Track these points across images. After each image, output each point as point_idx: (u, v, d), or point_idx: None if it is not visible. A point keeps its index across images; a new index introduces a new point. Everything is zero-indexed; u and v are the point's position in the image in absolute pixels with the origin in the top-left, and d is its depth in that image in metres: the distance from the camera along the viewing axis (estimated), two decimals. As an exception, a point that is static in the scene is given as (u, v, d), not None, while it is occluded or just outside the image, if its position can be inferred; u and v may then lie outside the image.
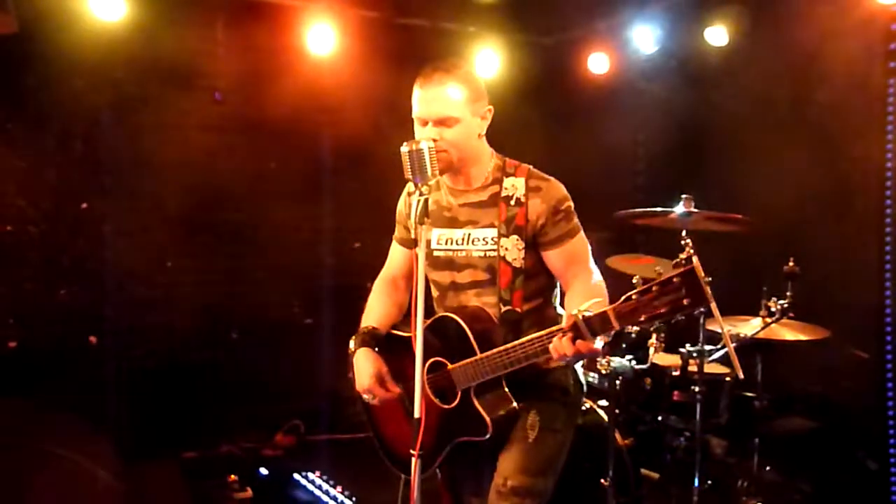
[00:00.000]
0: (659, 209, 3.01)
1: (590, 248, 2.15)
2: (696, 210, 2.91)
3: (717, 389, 3.15)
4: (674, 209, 2.95)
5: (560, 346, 1.82)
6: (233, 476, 3.85)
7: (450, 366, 2.10)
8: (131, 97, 4.29)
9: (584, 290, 2.00)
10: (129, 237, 4.34)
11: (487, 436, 2.05)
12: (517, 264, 2.08)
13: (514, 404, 2.08)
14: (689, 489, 3.05)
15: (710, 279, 2.23)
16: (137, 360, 4.31)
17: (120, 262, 4.28)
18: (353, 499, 3.73)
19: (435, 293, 2.26)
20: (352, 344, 2.27)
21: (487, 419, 2.04)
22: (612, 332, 1.76)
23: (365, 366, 2.20)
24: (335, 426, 4.70)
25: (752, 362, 3.20)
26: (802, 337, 3.08)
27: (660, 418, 3.31)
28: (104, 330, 4.20)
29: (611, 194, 4.16)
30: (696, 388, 2.96)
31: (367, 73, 4.91)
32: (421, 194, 1.97)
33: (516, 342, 1.96)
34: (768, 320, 2.98)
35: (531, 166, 2.17)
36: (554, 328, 1.88)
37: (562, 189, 2.13)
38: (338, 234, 5.16)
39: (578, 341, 1.79)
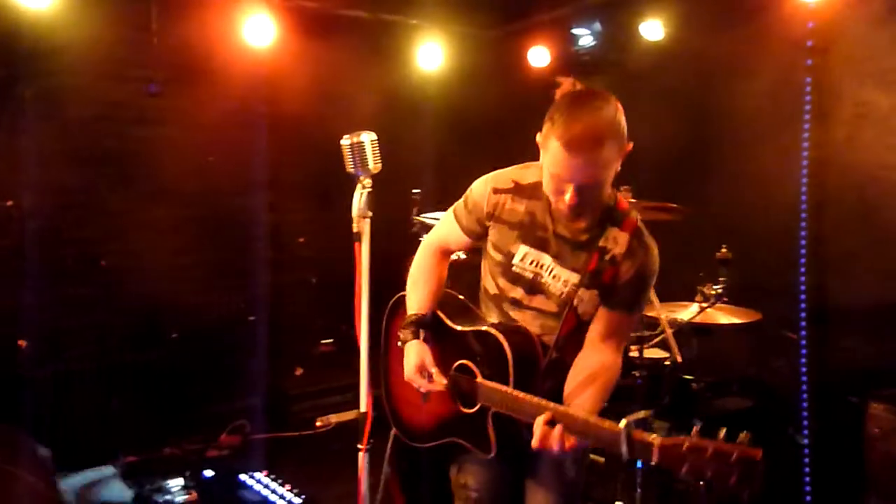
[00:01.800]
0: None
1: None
2: (633, 200, 2.98)
3: (657, 374, 3.24)
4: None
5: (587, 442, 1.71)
6: (177, 478, 3.76)
7: (479, 378, 2.01)
8: (60, 88, 4.11)
9: (596, 365, 1.90)
10: (58, 234, 4.18)
11: (490, 455, 1.99)
12: (585, 318, 1.93)
13: (525, 437, 1.85)
14: (633, 471, 3.14)
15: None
16: (72, 363, 4.15)
17: (50, 261, 4.12)
18: (303, 496, 3.70)
19: (491, 290, 2.11)
20: (401, 335, 2.16)
21: (494, 445, 1.97)
22: (646, 463, 1.66)
23: (412, 357, 2.11)
24: (281, 424, 4.65)
25: (690, 346, 3.32)
26: (736, 320, 3.21)
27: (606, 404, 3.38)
28: (34, 332, 4.02)
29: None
30: (637, 373, 3.05)
31: (307, 64, 4.85)
32: (363, 188, 1.98)
33: (550, 403, 1.77)
34: (704, 305, 3.09)
35: (640, 218, 1.96)
36: (596, 421, 1.69)
37: (656, 261, 1.93)
38: (281, 229, 5.09)
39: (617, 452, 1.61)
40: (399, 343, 2.17)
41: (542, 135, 1.84)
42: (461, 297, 2.28)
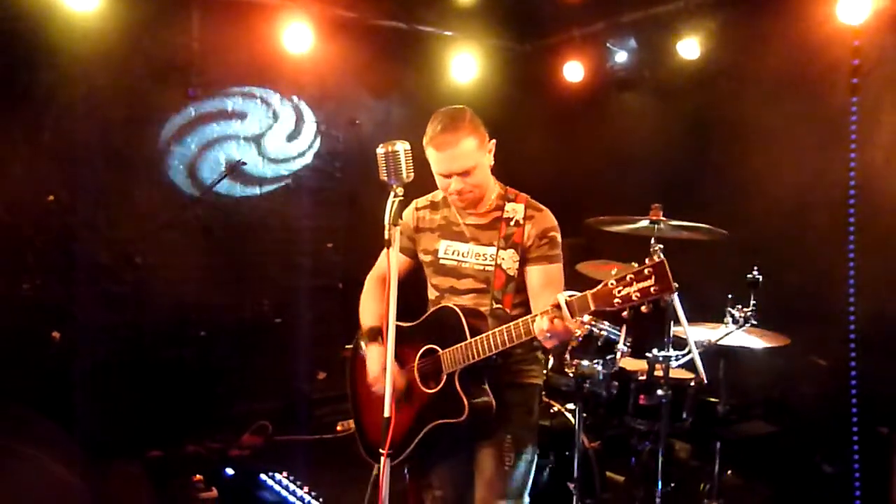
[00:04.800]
0: (628, 217, 3.06)
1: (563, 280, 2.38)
2: (665, 219, 2.97)
3: (681, 394, 3.21)
4: (644, 217, 3.00)
5: (542, 323, 2.03)
6: (198, 476, 3.81)
7: (440, 351, 2.31)
8: (104, 89, 4.23)
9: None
10: (97, 231, 4.28)
11: (463, 418, 2.22)
12: (511, 272, 2.35)
13: (491, 398, 2.27)
14: (653, 491, 3.11)
15: (677, 286, 2.30)
16: (103, 357, 4.24)
17: (87, 257, 4.22)
18: (320, 499, 3.72)
19: (433, 295, 2.51)
20: (362, 343, 2.50)
21: (465, 401, 2.23)
22: (590, 314, 2.00)
23: (375, 359, 2.41)
24: (303, 427, 4.68)
25: (716, 368, 3.27)
26: (764, 344, 3.17)
27: (626, 421, 3.36)
28: (70, 325, 4.12)
29: (582, 201, 4.21)
30: (661, 392, 3.02)
31: (344, 73, 4.92)
32: (395, 195, 2.00)
33: (503, 327, 2.16)
34: (732, 327, 3.05)
35: (528, 196, 2.44)
36: (538, 312, 2.07)
37: (552, 219, 2.40)
38: (311, 234, 5.15)
39: (557, 320, 2.01)
40: (361, 352, 2.49)
41: (425, 152, 2.31)
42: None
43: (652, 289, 1.85)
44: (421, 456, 2.42)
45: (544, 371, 3.15)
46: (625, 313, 1.91)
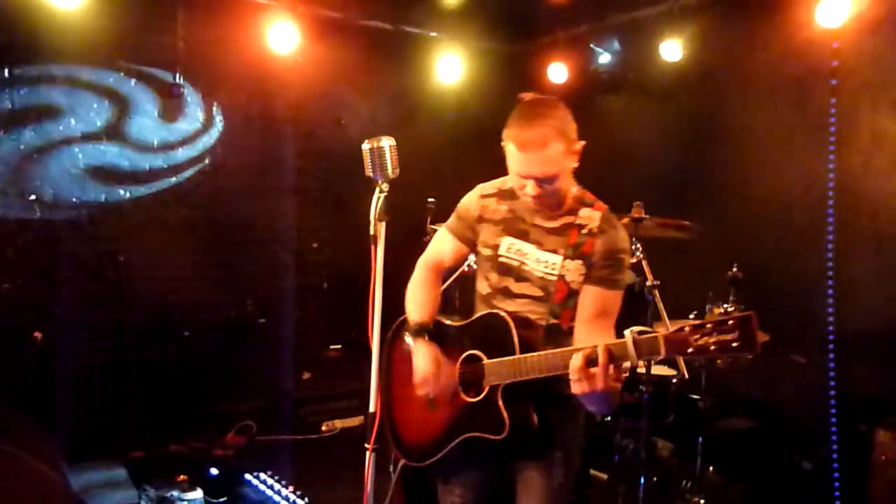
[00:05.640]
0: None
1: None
2: (646, 216, 3.01)
3: (663, 391, 3.25)
4: (625, 215, 3.04)
5: (577, 361, 1.81)
6: (182, 476, 3.78)
7: (485, 360, 2.12)
8: (88, 87, 4.20)
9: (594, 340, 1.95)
10: (78, 229, 4.25)
11: (502, 436, 2.05)
12: (574, 286, 2.09)
13: (534, 420, 2.06)
14: (636, 488, 3.14)
15: (658, 283, 2.32)
16: (85, 356, 4.20)
17: (69, 255, 4.19)
18: (305, 499, 3.71)
19: (484, 290, 2.27)
20: (406, 335, 2.29)
21: (507, 420, 2.04)
22: (657, 360, 1.79)
23: (421, 357, 2.20)
24: (287, 427, 4.67)
25: (697, 365, 3.32)
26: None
27: (609, 419, 3.39)
28: (51, 325, 4.08)
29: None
30: (643, 388, 3.06)
31: (328, 73, 4.92)
32: (381, 191, 2.02)
33: (558, 350, 1.95)
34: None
35: (607, 207, 2.20)
36: (601, 344, 1.82)
37: (626, 240, 2.15)
38: (296, 233, 5.14)
39: (611, 366, 1.79)
40: (404, 347, 2.28)
41: (503, 141, 2.07)
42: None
43: (733, 343, 1.64)
44: (448, 461, 2.25)
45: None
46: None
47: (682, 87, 4.46)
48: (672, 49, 4.42)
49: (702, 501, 3.30)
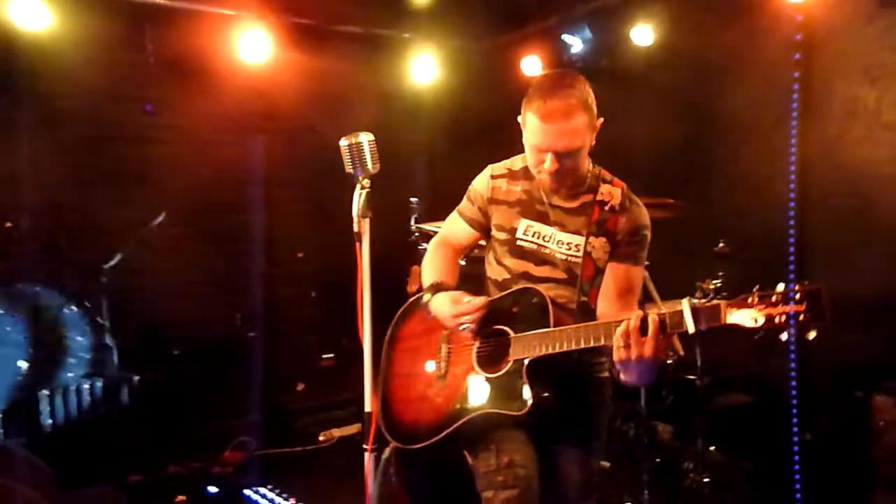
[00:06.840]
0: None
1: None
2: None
3: (661, 371, 3.24)
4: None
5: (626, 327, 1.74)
6: (181, 496, 3.73)
7: (512, 335, 2.05)
8: (57, 110, 4.14)
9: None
10: (58, 254, 4.19)
11: (523, 412, 1.96)
12: (601, 264, 2.05)
13: (553, 397, 1.99)
14: (640, 471, 3.13)
15: (648, 263, 2.30)
16: (76, 381, 4.13)
17: (50, 280, 4.12)
18: (307, 510, 3.68)
19: (500, 276, 2.19)
20: (424, 297, 2.21)
21: (531, 395, 1.95)
22: (717, 326, 1.71)
23: (443, 304, 2.13)
24: (284, 439, 4.62)
25: (692, 344, 3.32)
26: (736, 317, 3.20)
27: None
28: (35, 351, 4.00)
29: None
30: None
31: (303, 80, 4.90)
32: (362, 187, 1.99)
33: (596, 322, 1.90)
34: (703, 301, 3.09)
35: (625, 184, 2.15)
36: (655, 310, 1.78)
37: (647, 217, 2.12)
38: (280, 244, 5.10)
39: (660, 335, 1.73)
40: (422, 302, 2.23)
41: (521, 115, 2.02)
42: None
43: (801, 315, 1.59)
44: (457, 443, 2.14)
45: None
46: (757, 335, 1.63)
47: (655, 69, 4.47)
48: (643, 33, 4.45)
49: (706, 481, 3.30)
